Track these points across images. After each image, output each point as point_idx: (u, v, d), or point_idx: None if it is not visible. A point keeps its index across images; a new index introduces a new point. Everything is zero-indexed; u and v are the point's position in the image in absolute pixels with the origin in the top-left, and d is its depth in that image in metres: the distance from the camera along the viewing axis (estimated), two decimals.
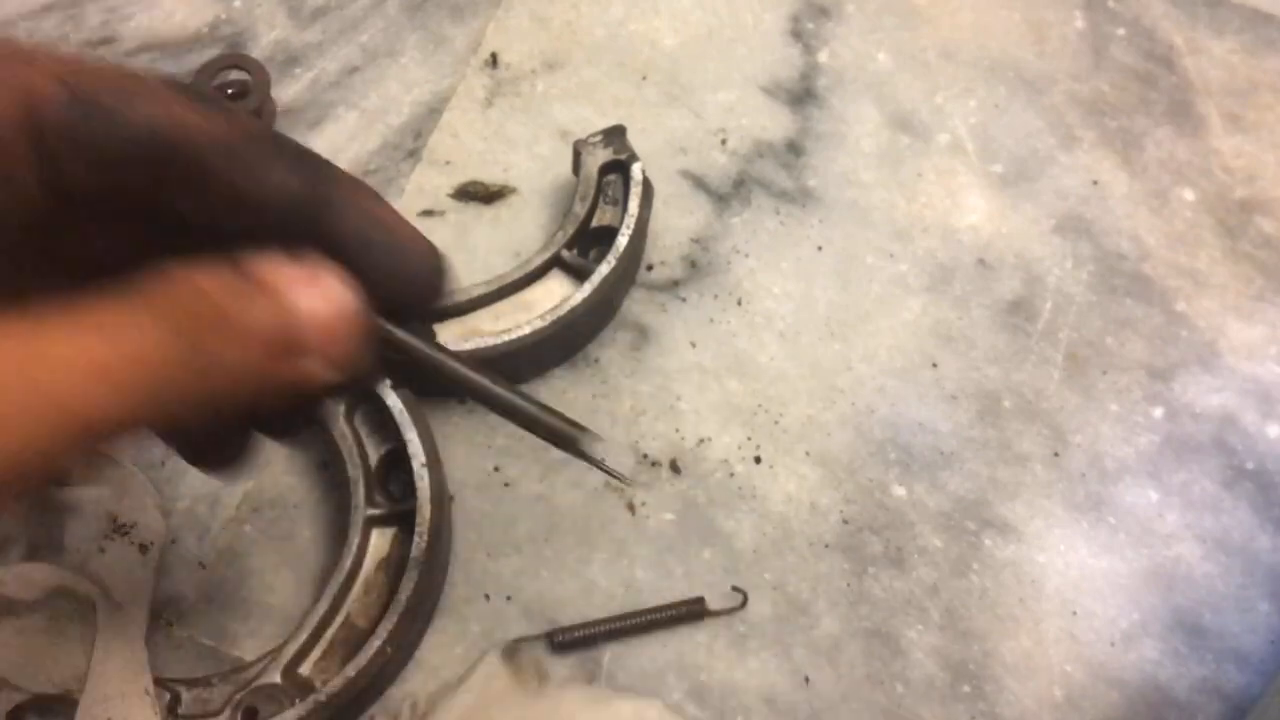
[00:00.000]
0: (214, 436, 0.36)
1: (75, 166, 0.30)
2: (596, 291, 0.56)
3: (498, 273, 0.58)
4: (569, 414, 0.34)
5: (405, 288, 0.33)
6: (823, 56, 0.68)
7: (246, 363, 0.28)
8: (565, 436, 0.34)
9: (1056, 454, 0.58)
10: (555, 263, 0.58)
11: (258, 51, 0.67)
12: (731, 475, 0.57)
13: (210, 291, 0.28)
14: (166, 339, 0.27)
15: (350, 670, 0.48)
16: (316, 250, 0.31)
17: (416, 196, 0.63)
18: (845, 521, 0.56)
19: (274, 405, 0.30)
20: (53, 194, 0.31)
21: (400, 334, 0.33)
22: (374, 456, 0.53)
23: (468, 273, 0.61)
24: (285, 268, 0.29)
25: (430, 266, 0.33)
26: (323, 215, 0.31)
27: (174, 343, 0.27)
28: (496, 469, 0.57)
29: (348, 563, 0.51)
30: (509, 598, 0.54)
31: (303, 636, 0.49)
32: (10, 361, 0.25)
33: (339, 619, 0.50)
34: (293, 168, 0.32)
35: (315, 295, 0.29)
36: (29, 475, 0.25)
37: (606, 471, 0.35)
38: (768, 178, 0.65)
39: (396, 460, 0.53)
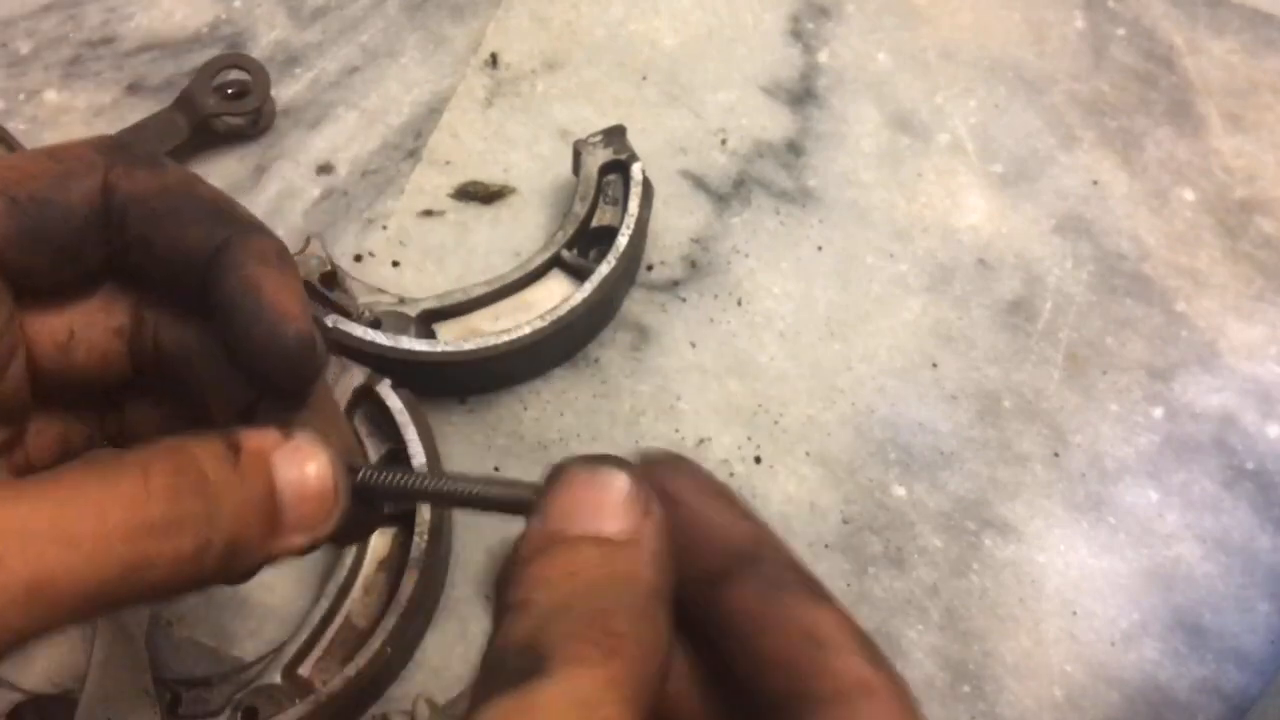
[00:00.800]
0: None
1: (37, 267, 0.31)
2: (596, 291, 0.56)
3: (498, 273, 0.58)
4: (569, 414, 0.33)
5: (266, 362, 0.31)
6: (823, 56, 0.68)
7: (230, 532, 0.28)
8: (522, 502, 0.32)
9: (1056, 454, 0.58)
10: (555, 263, 0.58)
11: (258, 51, 0.67)
12: (731, 475, 0.57)
13: (200, 459, 0.28)
14: (161, 515, 0.26)
15: (350, 670, 0.48)
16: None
17: (416, 196, 0.63)
18: (845, 521, 0.56)
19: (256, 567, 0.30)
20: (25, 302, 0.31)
21: (375, 478, 0.32)
22: (374, 456, 0.53)
23: (468, 273, 0.61)
24: (272, 441, 0.29)
25: (294, 347, 0.31)
26: (209, 272, 0.31)
27: (170, 519, 0.26)
28: (496, 469, 0.57)
29: (348, 563, 0.51)
30: None
31: (303, 636, 0.49)
32: None
33: (339, 619, 0.50)
34: (197, 220, 0.31)
35: (296, 469, 0.29)
36: (18, 640, 0.24)
37: None
38: (768, 178, 0.65)
39: (396, 460, 0.53)
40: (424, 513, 0.51)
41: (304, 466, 0.29)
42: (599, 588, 0.26)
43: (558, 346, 0.58)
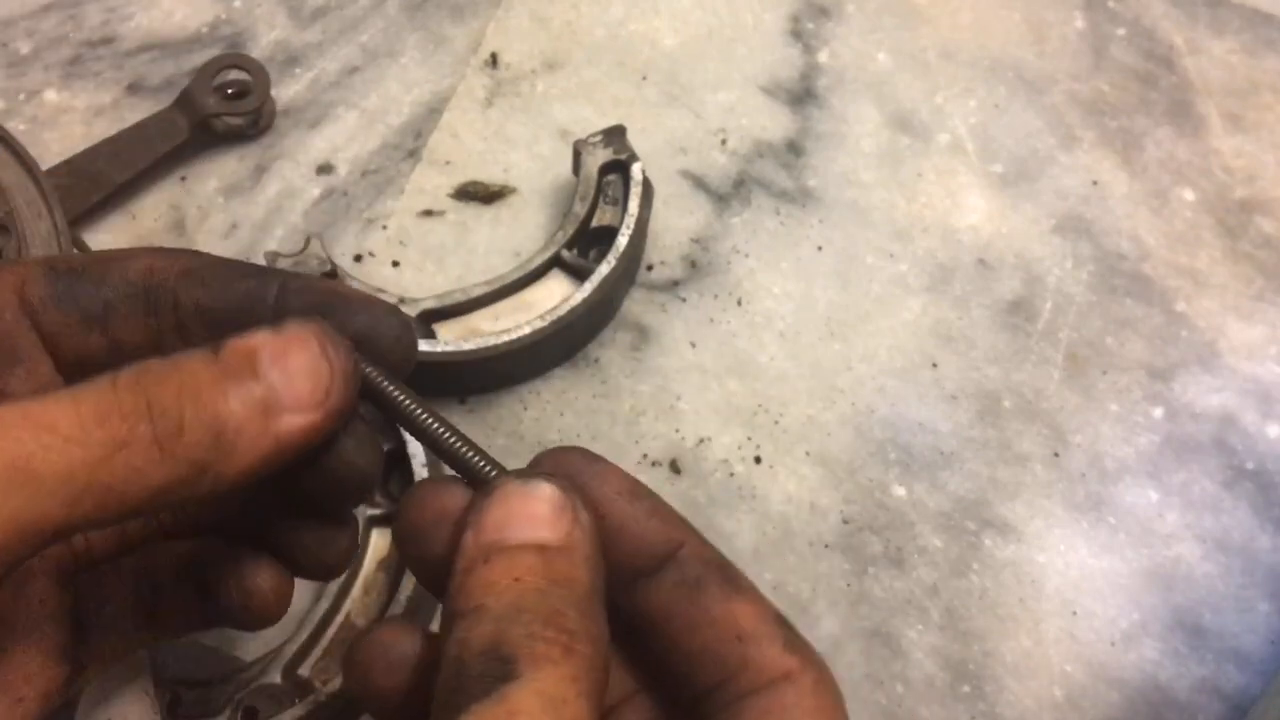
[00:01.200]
0: (239, 581, 0.36)
1: (70, 331, 0.33)
2: (596, 291, 0.56)
3: (498, 273, 0.58)
4: (569, 414, 0.33)
5: (375, 346, 0.33)
6: (823, 56, 0.68)
7: (211, 413, 0.28)
8: (482, 476, 0.33)
9: (1056, 454, 0.58)
10: (555, 263, 0.58)
11: (258, 51, 0.67)
12: (731, 475, 0.57)
13: (183, 362, 0.29)
14: (132, 403, 0.27)
15: None
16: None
17: (416, 196, 0.63)
18: (845, 521, 0.56)
19: (268, 473, 0.30)
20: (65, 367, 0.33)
21: (372, 374, 0.33)
22: None
23: (468, 273, 0.62)
24: (259, 335, 0.30)
25: (395, 324, 0.33)
26: (279, 303, 0.33)
27: (141, 406, 0.28)
28: None
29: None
30: None
31: (303, 636, 0.49)
32: None
33: (339, 619, 0.50)
34: (247, 275, 0.33)
35: (281, 348, 0.30)
36: (14, 547, 0.25)
37: None
38: (768, 178, 0.65)
39: (396, 460, 0.53)
40: None
41: (290, 344, 0.30)
42: (545, 590, 0.28)
43: (558, 346, 0.58)
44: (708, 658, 0.30)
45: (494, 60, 0.68)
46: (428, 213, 0.63)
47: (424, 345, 0.54)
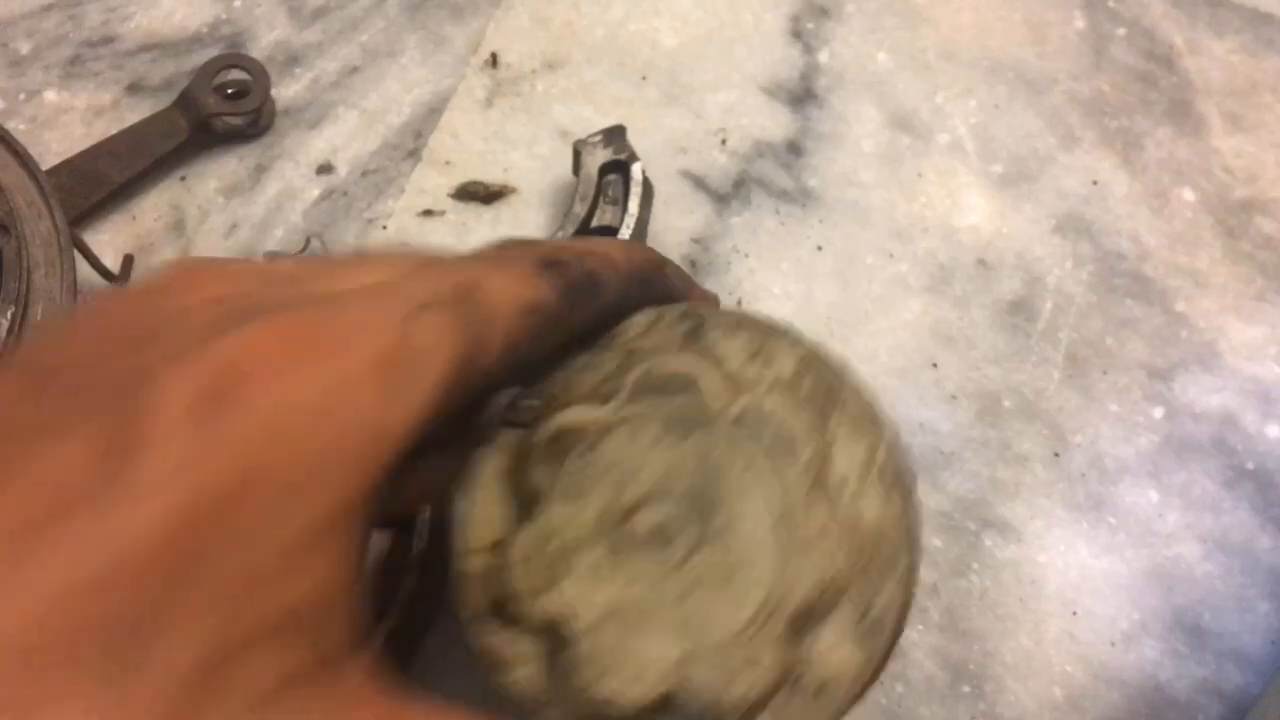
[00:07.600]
0: None
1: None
2: None
3: None
4: None
5: None
6: (823, 56, 0.68)
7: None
8: None
9: (1056, 454, 0.58)
10: None
11: (258, 51, 0.67)
12: None
13: None
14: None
15: None
16: None
17: (416, 196, 0.64)
18: None
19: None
20: None
21: None
22: None
23: None
24: None
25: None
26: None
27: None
28: None
29: None
30: None
31: None
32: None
33: None
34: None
35: None
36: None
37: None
38: (768, 178, 0.65)
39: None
40: (424, 512, 0.50)
41: None
42: None
43: None
44: None
45: (494, 60, 0.68)
46: (428, 213, 0.63)
47: None
